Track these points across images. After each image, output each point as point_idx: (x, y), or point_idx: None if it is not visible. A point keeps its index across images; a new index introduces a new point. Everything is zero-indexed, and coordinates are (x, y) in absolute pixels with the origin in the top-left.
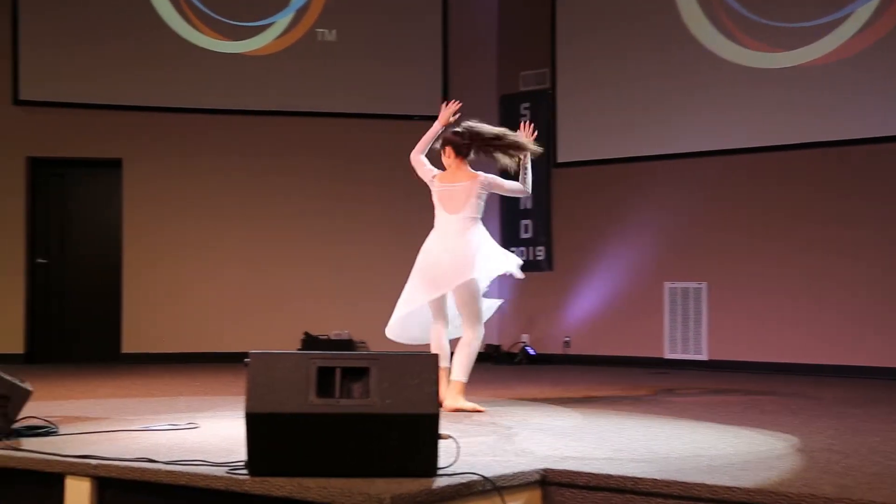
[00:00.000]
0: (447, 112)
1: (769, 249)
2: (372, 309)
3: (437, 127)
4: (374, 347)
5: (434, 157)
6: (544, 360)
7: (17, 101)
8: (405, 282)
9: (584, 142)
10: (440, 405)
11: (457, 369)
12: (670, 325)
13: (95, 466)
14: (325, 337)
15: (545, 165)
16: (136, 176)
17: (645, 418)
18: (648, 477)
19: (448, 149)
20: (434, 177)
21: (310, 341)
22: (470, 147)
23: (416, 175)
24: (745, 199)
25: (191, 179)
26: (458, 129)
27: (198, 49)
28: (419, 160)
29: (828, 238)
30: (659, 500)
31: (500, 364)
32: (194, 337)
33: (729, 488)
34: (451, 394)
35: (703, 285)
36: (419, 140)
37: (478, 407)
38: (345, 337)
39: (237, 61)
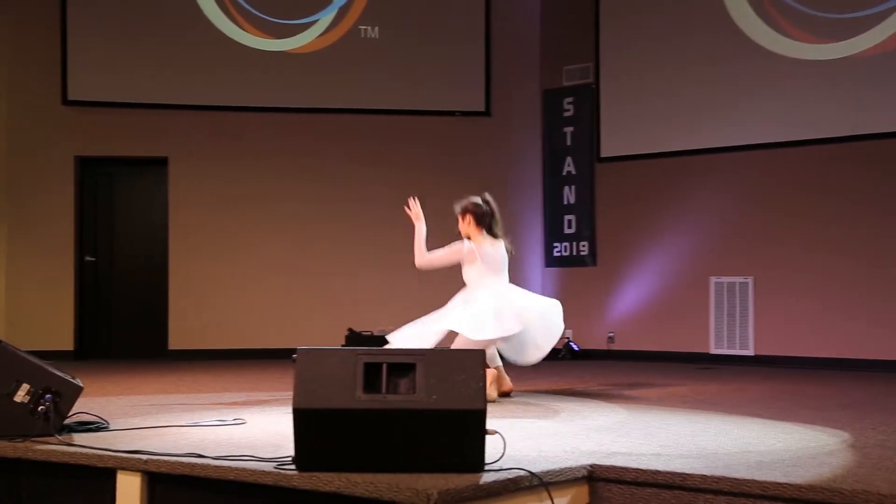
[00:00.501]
0: (416, 210)
1: (819, 243)
2: (414, 306)
3: (421, 227)
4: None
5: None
6: (588, 356)
7: (66, 101)
8: (446, 280)
9: (628, 136)
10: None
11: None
12: (716, 320)
13: (146, 461)
14: (369, 333)
15: (588, 160)
16: (182, 174)
17: (692, 414)
18: (697, 473)
19: (469, 217)
20: (471, 240)
21: (353, 338)
22: (491, 219)
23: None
24: (793, 193)
25: (235, 177)
26: (478, 202)
27: (242, 47)
28: (430, 256)
29: (881, 231)
30: (708, 496)
31: (544, 359)
32: (239, 334)
33: (780, 485)
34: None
35: (750, 280)
36: (415, 246)
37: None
38: (388, 333)
39: (281, 59)
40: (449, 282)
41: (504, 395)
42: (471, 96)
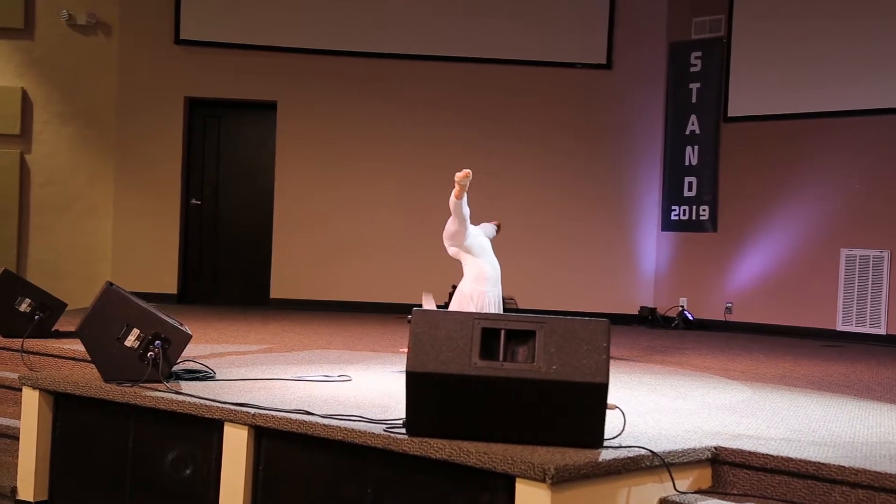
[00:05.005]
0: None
1: None
2: (521, 264)
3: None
4: (521, 304)
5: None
6: (703, 326)
7: (178, 41)
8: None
9: (758, 95)
10: None
11: None
12: (845, 295)
13: (253, 415)
14: None
15: (714, 119)
16: (290, 119)
17: (822, 396)
18: (833, 463)
19: None
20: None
21: None
22: None
23: None
24: None
25: (344, 124)
26: None
27: None
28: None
29: None
30: (845, 488)
31: (655, 328)
32: (341, 285)
33: None
34: None
35: (886, 253)
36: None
37: None
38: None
39: (396, 4)
40: (549, 246)
41: None
42: (592, 48)
